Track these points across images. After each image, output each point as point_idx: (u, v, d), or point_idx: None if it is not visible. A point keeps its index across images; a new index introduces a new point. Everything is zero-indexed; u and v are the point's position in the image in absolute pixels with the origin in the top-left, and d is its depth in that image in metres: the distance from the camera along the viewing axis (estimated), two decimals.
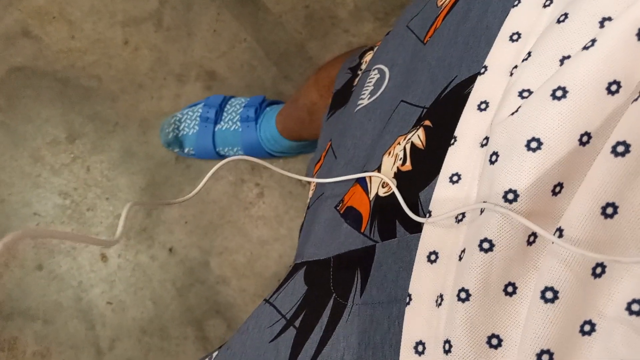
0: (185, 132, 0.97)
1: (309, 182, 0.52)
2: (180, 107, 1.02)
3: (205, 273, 1.00)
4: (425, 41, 0.41)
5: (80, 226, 1.02)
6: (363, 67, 0.54)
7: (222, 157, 0.98)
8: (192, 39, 1.07)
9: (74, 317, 1.00)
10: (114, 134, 1.04)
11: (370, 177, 0.39)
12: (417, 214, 0.32)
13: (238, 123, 0.94)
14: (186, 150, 0.98)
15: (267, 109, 0.95)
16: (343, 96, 0.54)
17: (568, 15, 0.27)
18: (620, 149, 0.23)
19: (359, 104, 0.47)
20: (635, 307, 0.22)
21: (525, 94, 0.27)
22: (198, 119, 0.96)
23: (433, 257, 0.30)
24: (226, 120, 0.95)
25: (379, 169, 0.38)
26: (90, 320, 1.00)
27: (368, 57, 0.55)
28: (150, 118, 1.04)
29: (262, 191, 1.02)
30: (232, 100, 0.98)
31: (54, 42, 1.09)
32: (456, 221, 0.29)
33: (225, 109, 0.97)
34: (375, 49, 0.53)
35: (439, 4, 0.42)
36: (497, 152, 0.27)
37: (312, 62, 1.06)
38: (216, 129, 0.95)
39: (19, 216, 1.02)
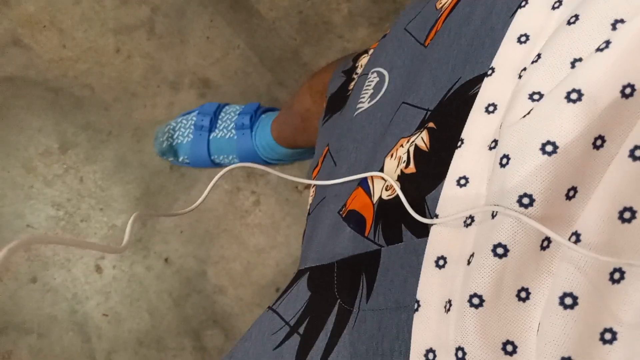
0: (179, 141, 0.96)
1: (308, 189, 0.51)
2: (174, 115, 1.01)
3: (201, 283, 0.99)
4: (426, 44, 0.40)
5: (75, 237, 1.00)
6: (359, 70, 0.53)
7: (217, 165, 0.97)
8: (185, 46, 1.06)
9: (69, 330, 0.99)
10: (108, 144, 1.03)
11: (372, 180, 0.38)
12: (424, 218, 0.31)
13: (233, 131, 0.93)
14: (181, 159, 0.97)
15: (262, 116, 0.94)
16: (339, 100, 0.54)
17: (579, 17, 0.27)
18: (639, 153, 0.23)
19: (359, 108, 0.46)
20: None
21: (536, 96, 0.27)
22: (192, 127, 0.95)
23: (441, 262, 0.29)
24: (221, 128, 0.94)
25: (380, 172, 0.37)
26: (85, 333, 0.98)
27: (363, 60, 0.54)
28: (144, 126, 1.03)
29: (258, 199, 1.01)
30: (227, 107, 0.97)
31: (45, 51, 1.07)
32: (464, 225, 0.29)
33: (220, 117, 0.96)
34: (370, 52, 0.52)
35: (438, 6, 0.41)
36: (508, 155, 0.26)
37: (307, 68, 1.05)
38: (211, 137, 0.94)
39: (12, 228, 1.01)
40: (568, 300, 0.23)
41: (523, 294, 0.25)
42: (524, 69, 0.30)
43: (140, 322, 0.98)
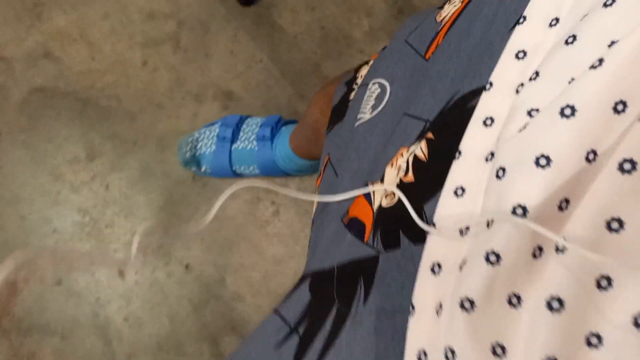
0: (202, 151, 0.98)
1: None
2: (198, 127, 1.04)
3: (221, 290, 1.01)
4: (427, 57, 0.41)
5: (99, 243, 1.03)
6: (359, 80, 0.54)
7: (238, 175, 1.00)
8: (209, 60, 1.09)
9: (91, 333, 1.01)
10: (133, 153, 1.06)
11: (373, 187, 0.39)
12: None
13: (254, 142, 0.95)
14: (203, 169, 0.99)
15: (283, 128, 0.96)
16: (340, 110, 0.55)
17: (577, 37, 0.28)
18: (627, 166, 0.24)
19: (360, 118, 0.47)
20: None
21: (534, 113, 0.28)
22: (215, 138, 0.98)
23: (436, 268, 0.30)
24: (243, 139, 0.97)
25: (381, 180, 0.38)
26: (107, 336, 1.01)
27: (364, 71, 0.55)
28: (168, 137, 1.06)
29: (277, 209, 1.03)
30: (249, 119, 1.00)
31: (74, 63, 1.11)
32: (460, 234, 0.30)
33: (242, 129, 0.98)
34: (370, 63, 0.53)
35: (439, 19, 0.42)
36: (504, 168, 0.27)
37: None
38: (233, 148, 0.96)
39: (39, 233, 1.04)
40: (555, 304, 0.24)
41: (514, 300, 0.26)
42: (521, 84, 0.31)
43: (160, 327, 1.00)
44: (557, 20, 0.31)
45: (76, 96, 1.09)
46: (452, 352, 0.26)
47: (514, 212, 0.25)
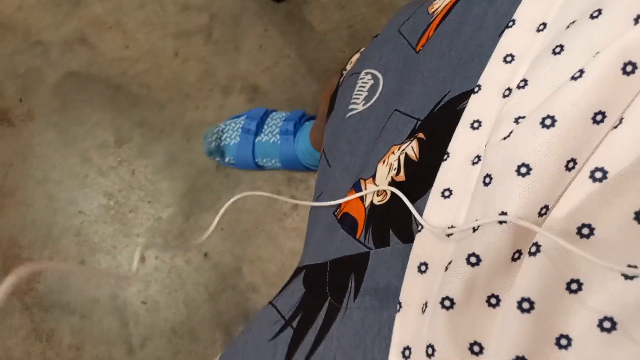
0: (227, 142, 1.00)
1: None
2: (224, 118, 1.06)
3: (237, 279, 1.03)
4: (417, 49, 0.42)
5: (122, 226, 1.06)
6: (348, 66, 0.54)
7: (261, 167, 1.01)
8: (238, 53, 1.11)
9: (109, 314, 1.03)
10: (160, 140, 1.09)
11: (365, 184, 0.40)
12: (410, 225, 0.33)
13: (277, 136, 0.97)
14: (227, 160, 1.01)
15: (306, 123, 0.98)
16: (333, 99, 0.56)
17: (564, 48, 0.28)
18: (599, 174, 0.24)
19: (352, 109, 0.47)
20: (606, 324, 0.23)
21: (520, 120, 0.28)
22: (240, 130, 0.99)
23: (423, 267, 0.31)
24: (266, 132, 0.98)
25: (373, 177, 0.39)
26: (124, 318, 1.03)
27: (354, 57, 0.55)
28: (194, 127, 1.08)
29: (296, 204, 1.04)
30: (273, 113, 1.01)
31: (108, 50, 1.14)
32: (447, 235, 0.30)
33: (266, 122, 1.00)
34: (361, 50, 0.53)
35: (431, 11, 0.42)
36: (490, 175, 0.28)
37: None
38: (256, 140, 0.98)
39: (65, 213, 1.08)
40: (525, 305, 0.24)
41: (493, 300, 0.26)
42: (509, 88, 0.31)
43: (176, 312, 1.03)
44: (544, 25, 0.31)
45: (108, 82, 1.12)
46: (433, 348, 0.27)
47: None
